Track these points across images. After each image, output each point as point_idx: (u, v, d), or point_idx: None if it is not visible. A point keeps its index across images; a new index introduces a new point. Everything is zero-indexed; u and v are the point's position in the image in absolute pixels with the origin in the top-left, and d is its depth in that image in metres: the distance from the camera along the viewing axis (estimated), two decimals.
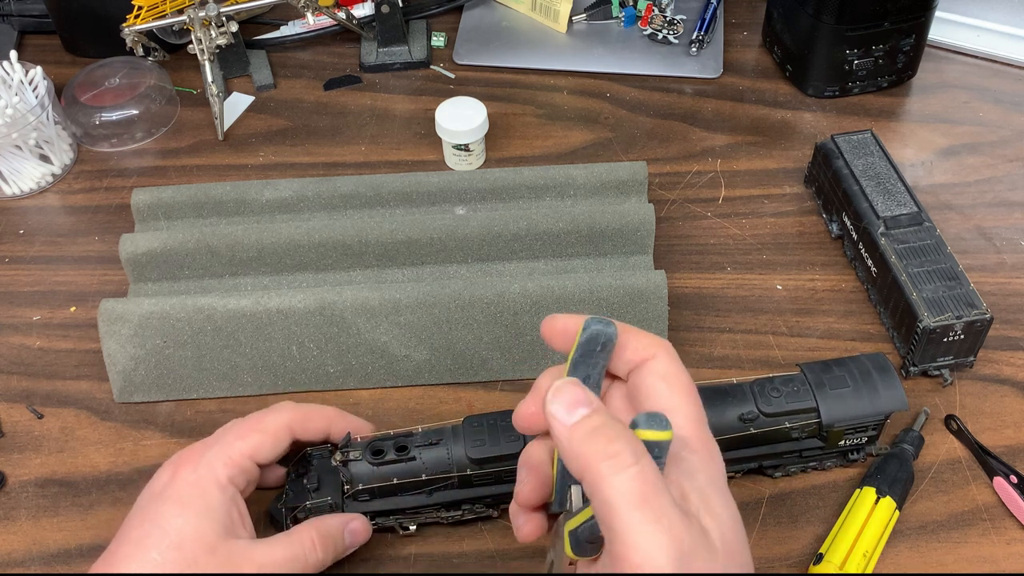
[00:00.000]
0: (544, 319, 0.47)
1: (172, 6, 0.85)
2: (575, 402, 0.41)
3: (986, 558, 0.59)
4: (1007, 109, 0.88)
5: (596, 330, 0.44)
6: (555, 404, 0.41)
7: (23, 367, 0.71)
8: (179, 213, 0.76)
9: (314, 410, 0.58)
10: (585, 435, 0.40)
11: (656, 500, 0.38)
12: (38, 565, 0.61)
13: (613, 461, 0.39)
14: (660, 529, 0.38)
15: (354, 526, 0.57)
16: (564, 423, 0.41)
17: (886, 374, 0.59)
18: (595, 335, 0.44)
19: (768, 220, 0.79)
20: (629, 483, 0.38)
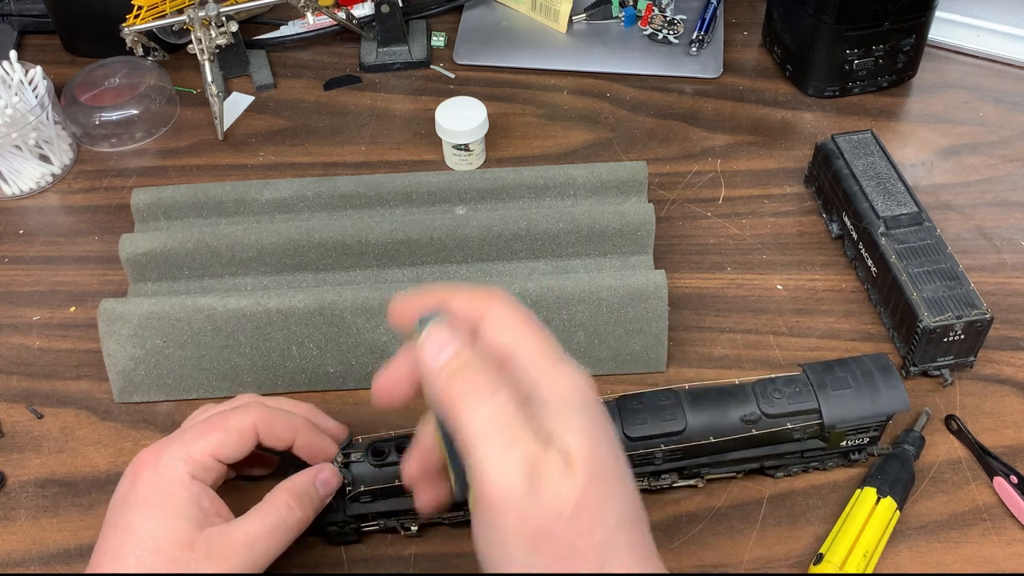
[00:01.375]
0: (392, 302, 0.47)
1: (172, 6, 0.85)
2: (441, 345, 0.43)
3: (986, 558, 0.59)
4: (1007, 109, 0.88)
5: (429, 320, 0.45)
6: (425, 349, 0.43)
7: (23, 367, 0.71)
8: (179, 213, 0.76)
9: (281, 418, 0.56)
10: (448, 376, 0.41)
11: (510, 426, 0.39)
12: (38, 565, 0.61)
13: (470, 396, 0.40)
14: (512, 453, 0.39)
15: (324, 476, 0.56)
16: (432, 368, 0.42)
17: (888, 375, 0.59)
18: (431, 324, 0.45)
19: (768, 220, 0.79)
20: (487, 414, 0.40)
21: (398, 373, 0.47)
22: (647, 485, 0.61)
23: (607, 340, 0.68)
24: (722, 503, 0.62)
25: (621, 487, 0.42)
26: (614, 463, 0.42)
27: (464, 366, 0.42)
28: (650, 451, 0.58)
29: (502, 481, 0.39)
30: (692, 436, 0.58)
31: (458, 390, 0.41)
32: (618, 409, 0.58)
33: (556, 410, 0.41)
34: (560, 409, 0.41)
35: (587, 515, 0.39)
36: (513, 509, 0.39)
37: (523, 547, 0.39)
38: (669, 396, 0.59)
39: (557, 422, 0.41)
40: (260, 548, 0.52)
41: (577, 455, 0.40)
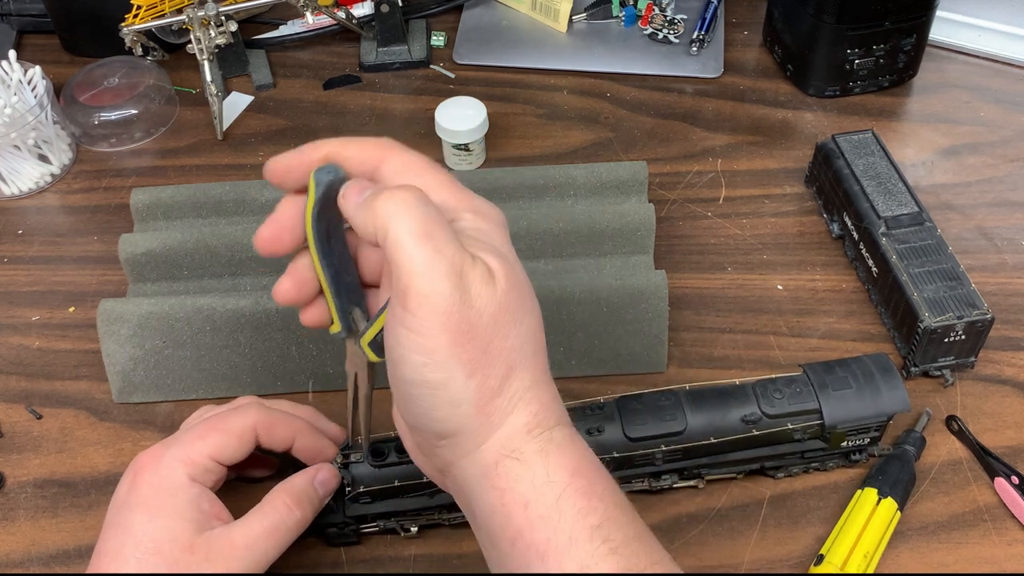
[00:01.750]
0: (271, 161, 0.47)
1: (171, 6, 0.85)
2: (362, 187, 0.45)
3: (987, 559, 0.59)
4: (1008, 109, 0.88)
5: (329, 180, 0.46)
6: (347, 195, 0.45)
7: (22, 367, 0.71)
8: (178, 213, 0.75)
9: (281, 419, 0.56)
10: (373, 197, 0.43)
11: (438, 234, 0.41)
12: (37, 566, 0.60)
13: (400, 205, 0.42)
14: (440, 257, 0.41)
15: (322, 476, 0.56)
16: (354, 206, 0.44)
17: (889, 375, 0.59)
18: (331, 185, 0.46)
19: (769, 220, 0.79)
20: (414, 222, 0.41)
21: (283, 223, 0.48)
22: (647, 486, 0.61)
23: (607, 340, 0.68)
24: (722, 504, 0.62)
25: (531, 302, 0.45)
26: (526, 282, 0.45)
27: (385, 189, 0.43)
28: (650, 451, 0.58)
29: (432, 281, 0.41)
30: (692, 436, 0.58)
31: (384, 203, 0.42)
32: (618, 409, 0.58)
33: (473, 236, 0.44)
34: (477, 237, 0.44)
35: (504, 320, 0.43)
36: (441, 308, 0.41)
37: (445, 343, 0.41)
38: (669, 396, 0.59)
39: (476, 244, 0.43)
40: (260, 549, 0.52)
41: (497, 271, 0.43)
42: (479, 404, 0.43)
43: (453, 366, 0.42)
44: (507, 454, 0.43)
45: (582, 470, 0.44)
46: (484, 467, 0.44)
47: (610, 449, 0.58)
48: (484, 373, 0.42)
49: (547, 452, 0.43)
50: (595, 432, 0.58)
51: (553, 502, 0.42)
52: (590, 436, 0.57)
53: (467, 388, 0.42)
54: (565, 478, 0.43)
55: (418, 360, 0.42)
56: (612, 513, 0.43)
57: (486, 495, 0.44)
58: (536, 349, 0.45)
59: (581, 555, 0.42)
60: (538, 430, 0.44)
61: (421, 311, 0.41)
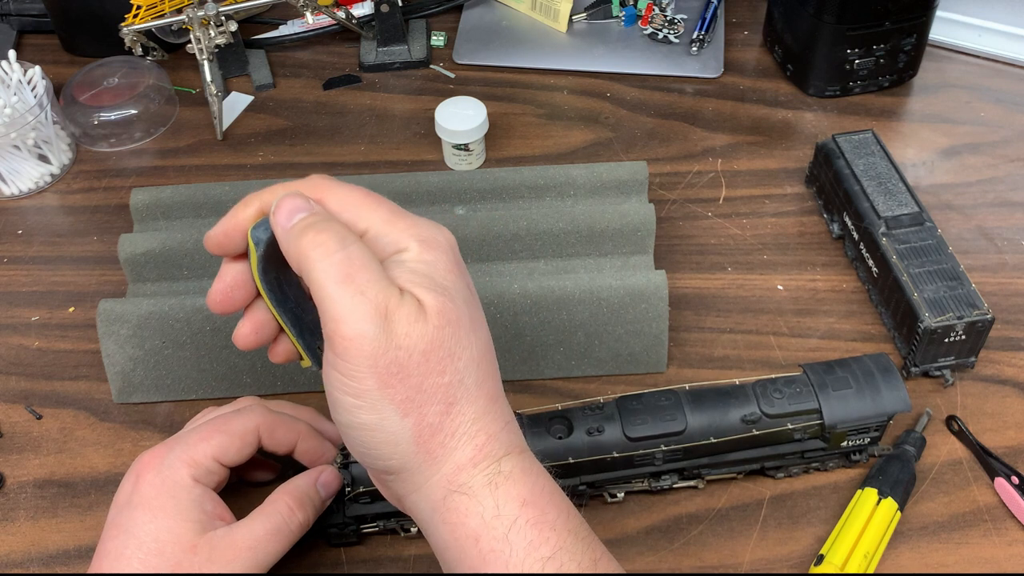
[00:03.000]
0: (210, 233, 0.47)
1: (171, 5, 0.85)
2: (294, 209, 0.44)
3: (987, 559, 0.59)
4: (1008, 109, 0.88)
5: (268, 238, 0.46)
6: (277, 215, 0.44)
7: (22, 367, 0.71)
8: (178, 213, 0.75)
9: (283, 422, 0.56)
10: (300, 231, 0.43)
11: (360, 276, 0.41)
12: (37, 566, 0.60)
13: (321, 248, 0.42)
14: (362, 299, 0.41)
15: (325, 478, 0.56)
16: (285, 227, 0.44)
17: (889, 375, 0.59)
18: (269, 242, 0.46)
19: (769, 220, 0.79)
20: (335, 266, 0.41)
21: (231, 282, 0.48)
22: (647, 486, 0.61)
23: (607, 340, 0.68)
24: (722, 504, 0.62)
25: (473, 335, 0.44)
26: (466, 312, 0.44)
27: (315, 222, 0.43)
28: (650, 451, 0.58)
29: (354, 323, 0.41)
30: (692, 436, 0.58)
31: (309, 244, 0.42)
32: (618, 409, 0.58)
33: (412, 268, 0.44)
34: (416, 268, 0.44)
35: (436, 358, 0.42)
36: (367, 349, 0.41)
37: (375, 384, 0.41)
38: (669, 396, 0.59)
39: (411, 279, 0.43)
40: (262, 550, 0.52)
41: (430, 307, 0.42)
42: (419, 442, 0.43)
43: (385, 407, 0.42)
44: (454, 489, 0.43)
45: (533, 500, 0.44)
46: (433, 503, 0.44)
47: (610, 449, 0.58)
48: (420, 412, 0.42)
49: (496, 484, 0.43)
50: (595, 432, 0.57)
51: (503, 535, 0.43)
52: (590, 436, 0.57)
53: (403, 427, 0.42)
54: (515, 510, 0.43)
55: (350, 402, 0.42)
56: (566, 543, 0.43)
57: (438, 530, 0.44)
58: (480, 379, 0.44)
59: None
60: (485, 463, 0.44)
61: (348, 354, 0.41)
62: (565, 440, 0.57)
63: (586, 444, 0.57)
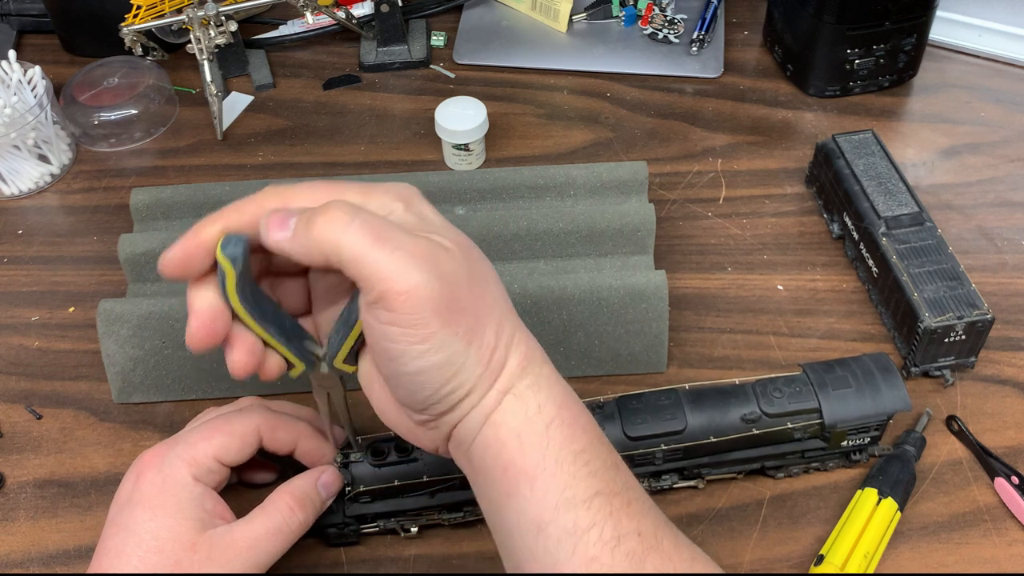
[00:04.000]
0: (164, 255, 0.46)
1: (171, 5, 0.85)
2: (284, 218, 0.45)
3: (987, 559, 0.59)
4: (1008, 109, 0.88)
5: (242, 251, 0.45)
6: (271, 233, 0.45)
7: (22, 367, 0.71)
8: (178, 213, 0.75)
9: (284, 423, 0.57)
10: (306, 224, 0.44)
11: (387, 233, 0.43)
12: (37, 566, 0.60)
13: (337, 224, 0.43)
14: (403, 253, 0.43)
15: (325, 479, 0.56)
16: (287, 238, 0.44)
17: (889, 374, 0.59)
18: (244, 255, 0.45)
19: (769, 220, 0.79)
20: (359, 232, 0.43)
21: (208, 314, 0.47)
22: (647, 486, 0.61)
23: (607, 340, 0.68)
24: (722, 504, 0.62)
25: (487, 261, 0.48)
26: (474, 244, 0.47)
27: (314, 212, 0.44)
28: (650, 451, 0.58)
29: (406, 276, 0.42)
30: (692, 436, 0.58)
31: (324, 227, 0.43)
32: (618, 409, 0.58)
33: (411, 223, 0.45)
34: (413, 220, 0.46)
35: (477, 283, 0.45)
36: (425, 295, 0.42)
37: (440, 324, 0.43)
38: (669, 396, 0.59)
39: (422, 228, 0.45)
40: (262, 550, 0.52)
41: (450, 244, 0.45)
42: (483, 363, 0.45)
43: (453, 342, 0.44)
44: (505, 392, 0.46)
45: (567, 404, 0.47)
46: (487, 410, 0.46)
47: None
48: (480, 336, 0.45)
49: (538, 387, 0.46)
50: None
51: (543, 430, 0.46)
52: None
53: (469, 355, 0.45)
54: (553, 410, 0.46)
55: (419, 349, 0.43)
56: (592, 442, 0.47)
57: (485, 432, 0.46)
58: (506, 299, 0.48)
59: (566, 476, 0.45)
60: (530, 367, 0.47)
61: (407, 306, 0.42)
62: None
63: None
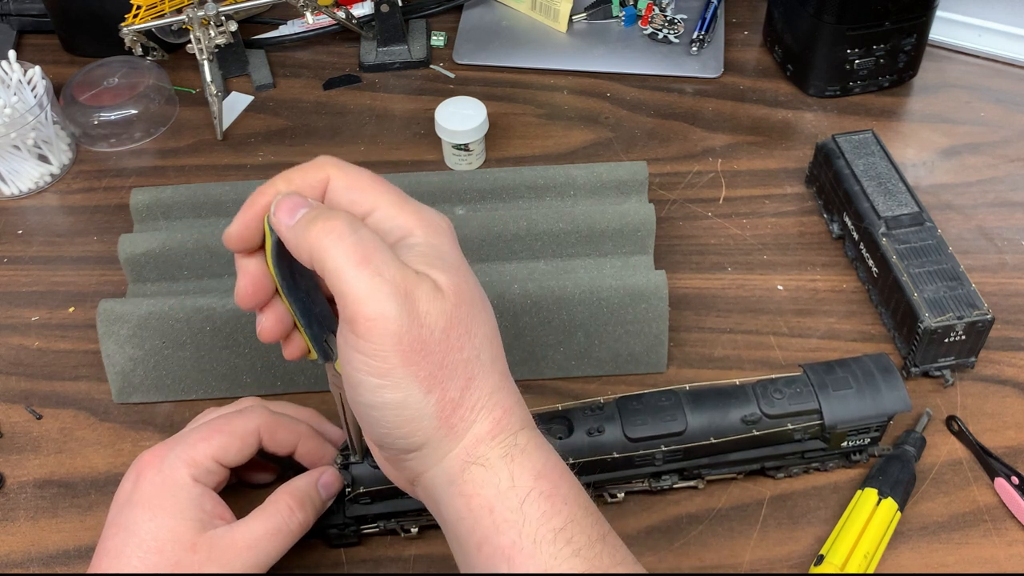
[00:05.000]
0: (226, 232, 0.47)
1: (171, 5, 0.85)
2: (294, 206, 0.45)
3: (987, 559, 0.59)
4: (1008, 109, 0.88)
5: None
6: (278, 215, 0.45)
7: (22, 368, 0.71)
8: (178, 213, 0.75)
9: (284, 424, 0.57)
10: (307, 223, 0.43)
11: (376, 258, 0.42)
12: (37, 566, 0.60)
13: (333, 235, 0.42)
14: (381, 280, 0.42)
15: (325, 479, 0.56)
16: (288, 224, 0.44)
17: (889, 375, 0.59)
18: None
19: (769, 220, 0.79)
20: (349, 249, 0.42)
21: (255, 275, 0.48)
22: (647, 486, 0.61)
23: (607, 341, 0.68)
24: (722, 504, 0.62)
25: (484, 313, 0.46)
26: (477, 292, 0.46)
27: (321, 213, 0.44)
28: (650, 452, 0.58)
29: (377, 304, 0.41)
30: (693, 437, 0.58)
31: (320, 232, 0.43)
32: (618, 410, 0.58)
33: (423, 252, 0.44)
34: (426, 251, 0.45)
35: (457, 333, 0.43)
36: (390, 329, 0.41)
37: (400, 362, 0.42)
38: (669, 397, 0.59)
39: (424, 261, 0.44)
40: (262, 550, 0.52)
41: (445, 286, 0.44)
42: (441, 417, 0.44)
43: (410, 384, 0.42)
44: (472, 461, 0.44)
45: (546, 473, 0.45)
46: (451, 475, 0.44)
47: (610, 449, 0.58)
48: (443, 387, 0.43)
49: (511, 457, 0.44)
50: (595, 432, 0.57)
51: (517, 506, 0.43)
52: (590, 436, 0.57)
53: (427, 403, 0.43)
54: (529, 482, 0.44)
55: (375, 383, 0.43)
56: (576, 515, 0.44)
57: (453, 502, 0.44)
58: (493, 356, 0.46)
59: (545, 557, 0.43)
60: (502, 436, 0.45)
61: (371, 335, 0.42)
62: (565, 440, 0.57)
63: (586, 444, 0.57)
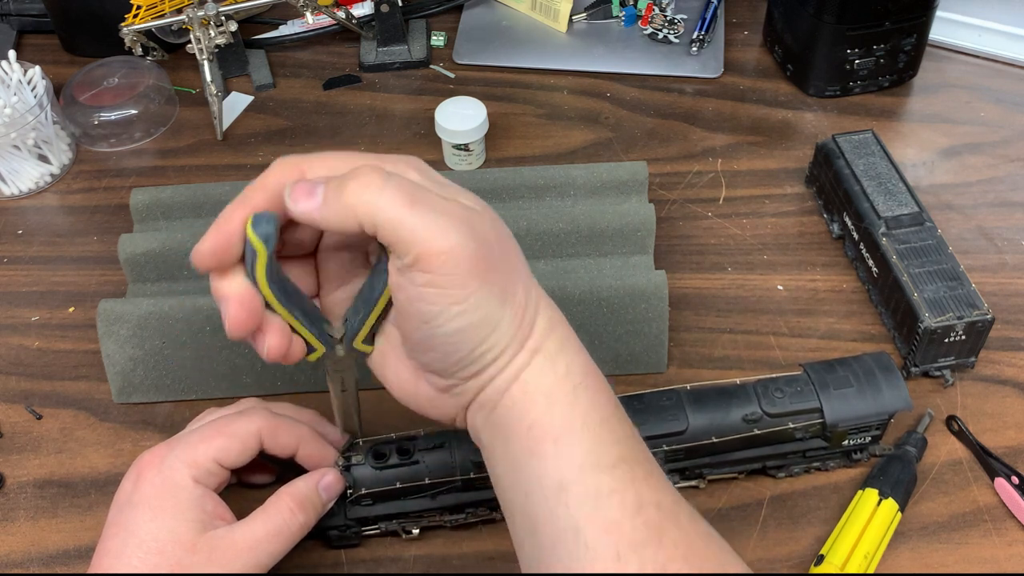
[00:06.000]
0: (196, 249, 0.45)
1: (171, 5, 0.85)
2: (310, 189, 0.44)
3: (987, 559, 0.59)
4: (1008, 109, 0.88)
5: (270, 231, 0.44)
6: (300, 203, 0.44)
7: (22, 368, 0.71)
8: (178, 213, 0.75)
9: (285, 426, 0.56)
10: (336, 190, 0.43)
11: (422, 198, 0.43)
12: (37, 566, 0.60)
13: (371, 188, 0.43)
14: (438, 215, 0.43)
15: (327, 481, 0.56)
16: (316, 207, 0.44)
17: (890, 374, 0.59)
18: (273, 235, 0.45)
19: (769, 220, 0.79)
20: (393, 196, 0.43)
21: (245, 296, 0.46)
22: None
23: (607, 340, 0.68)
24: (723, 504, 0.62)
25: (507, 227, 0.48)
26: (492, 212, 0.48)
27: (345, 178, 0.44)
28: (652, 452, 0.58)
29: (446, 237, 0.43)
30: (694, 436, 0.58)
31: (357, 191, 0.43)
32: None
33: (430, 185, 0.46)
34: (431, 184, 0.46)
35: (503, 244, 0.46)
36: (464, 255, 0.43)
37: (478, 283, 0.44)
38: (670, 396, 0.59)
39: (442, 191, 0.45)
40: (262, 551, 0.52)
41: (474, 202, 0.46)
42: (516, 321, 0.46)
43: (488, 300, 0.44)
44: (535, 352, 0.46)
45: (591, 371, 0.48)
46: (516, 370, 0.46)
47: None
48: (513, 295, 0.45)
49: (564, 349, 0.47)
50: None
51: (571, 391, 0.46)
52: None
53: (504, 313, 0.45)
54: (580, 374, 0.47)
55: (457, 309, 0.44)
56: (615, 411, 0.47)
57: (512, 391, 0.46)
58: (525, 263, 0.48)
59: (591, 439, 0.45)
60: (558, 328, 0.48)
61: (447, 266, 0.43)
62: None
63: None
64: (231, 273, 0.46)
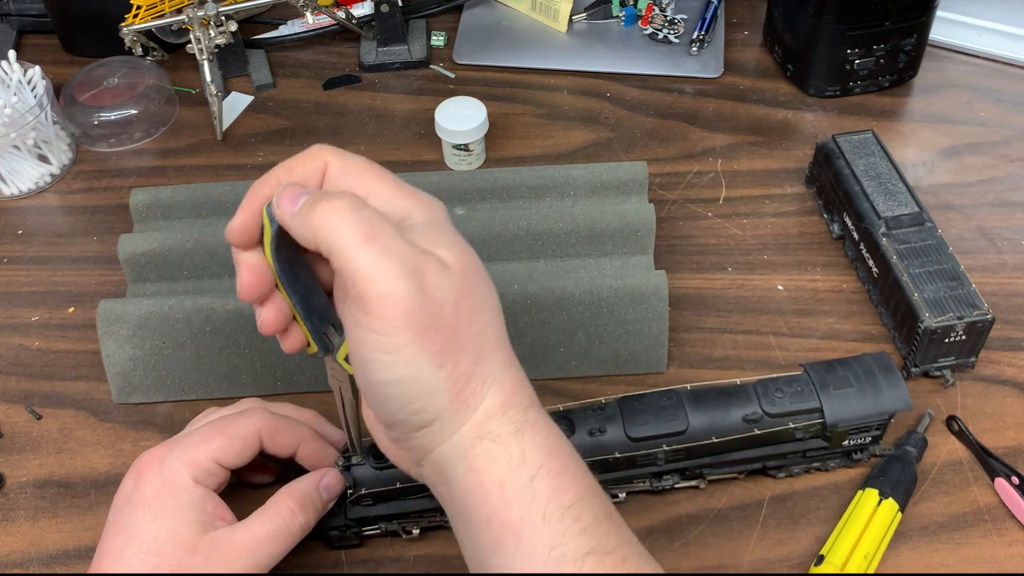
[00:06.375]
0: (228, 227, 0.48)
1: (171, 5, 0.85)
2: (296, 195, 0.44)
3: (987, 559, 0.59)
4: (1008, 109, 0.88)
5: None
6: (282, 205, 0.45)
7: (21, 368, 0.71)
8: (178, 213, 0.75)
9: (285, 426, 0.56)
10: (310, 206, 0.43)
11: (383, 235, 0.42)
12: (37, 566, 0.60)
13: (338, 214, 0.42)
14: (390, 257, 0.42)
15: (327, 481, 0.56)
16: (292, 212, 0.44)
17: (890, 374, 0.59)
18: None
19: (769, 220, 0.79)
20: (356, 228, 0.42)
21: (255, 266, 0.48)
22: (648, 486, 0.61)
23: (607, 341, 0.68)
24: (723, 504, 0.62)
25: (489, 289, 0.46)
26: (481, 269, 0.46)
27: (322, 196, 0.44)
28: (652, 451, 0.58)
29: (388, 281, 0.41)
30: (694, 436, 0.58)
31: (324, 212, 0.43)
32: (620, 410, 0.58)
33: (425, 231, 0.45)
34: (428, 230, 0.45)
35: (466, 307, 0.44)
36: (403, 304, 0.41)
37: (411, 338, 0.42)
38: (671, 396, 0.59)
39: (428, 239, 0.44)
40: (263, 552, 0.52)
41: (452, 261, 0.44)
42: (453, 391, 0.44)
43: (422, 360, 0.43)
44: (483, 435, 0.44)
45: (556, 451, 0.45)
46: (462, 450, 0.45)
47: (612, 449, 0.58)
48: (454, 361, 0.43)
49: (522, 433, 0.45)
50: (597, 432, 0.57)
51: (527, 482, 0.44)
52: (592, 437, 0.57)
53: (438, 378, 0.43)
54: (539, 459, 0.44)
55: (387, 360, 0.43)
56: (583, 494, 0.45)
57: (464, 477, 0.45)
58: (500, 332, 0.46)
59: (553, 533, 0.43)
60: (513, 411, 0.45)
61: (382, 312, 0.42)
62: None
63: (588, 444, 0.57)
64: (256, 246, 0.48)
